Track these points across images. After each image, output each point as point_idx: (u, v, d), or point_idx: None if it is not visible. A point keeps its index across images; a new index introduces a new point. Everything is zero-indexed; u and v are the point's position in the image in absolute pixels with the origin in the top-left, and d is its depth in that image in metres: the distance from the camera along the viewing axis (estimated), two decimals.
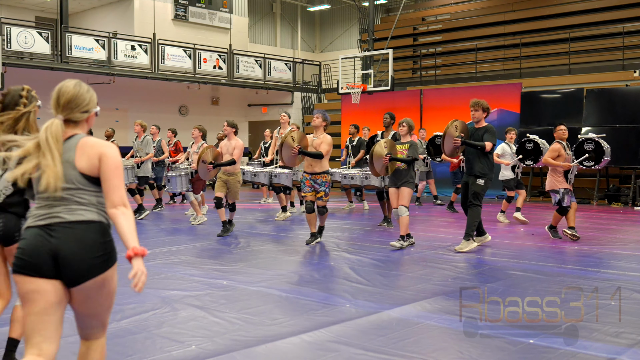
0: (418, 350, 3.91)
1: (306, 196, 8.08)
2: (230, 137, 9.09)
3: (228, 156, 8.99)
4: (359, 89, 17.34)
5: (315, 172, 8.01)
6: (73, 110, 2.79)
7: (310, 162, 8.04)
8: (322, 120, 8.16)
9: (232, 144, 9.02)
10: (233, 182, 9.01)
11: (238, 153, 8.93)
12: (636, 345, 4.02)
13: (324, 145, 7.98)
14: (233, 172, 9.00)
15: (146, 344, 4.05)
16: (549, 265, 6.75)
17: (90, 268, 2.55)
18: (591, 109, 15.12)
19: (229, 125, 9.11)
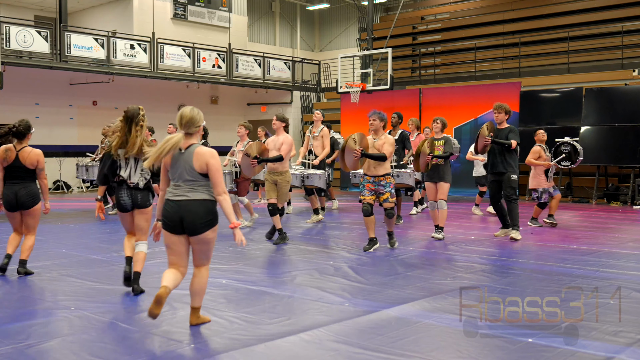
0: (417, 349, 3.92)
1: (364, 199, 7.65)
2: (279, 132, 8.36)
3: (275, 152, 8.25)
4: (358, 88, 17.34)
5: (378, 174, 7.59)
6: (190, 127, 4.33)
7: (371, 164, 7.63)
8: (379, 121, 7.71)
9: (280, 140, 8.30)
10: (282, 183, 8.24)
11: (286, 149, 8.20)
12: (635, 344, 4.02)
13: (387, 146, 7.57)
14: (282, 170, 8.24)
15: (145, 342, 4.05)
16: (548, 264, 6.75)
17: (201, 227, 4.21)
18: (590, 108, 15.12)
19: (279, 120, 8.38)
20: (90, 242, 8.49)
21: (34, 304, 5.06)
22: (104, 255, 7.36)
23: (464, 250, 7.69)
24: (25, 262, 6.21)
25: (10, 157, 6.21)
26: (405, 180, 10.08)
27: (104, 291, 5.51)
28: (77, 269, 6.58)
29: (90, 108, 19.35)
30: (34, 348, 3.95)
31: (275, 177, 8.24)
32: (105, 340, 4.10)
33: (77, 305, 5.00)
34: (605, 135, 14.89)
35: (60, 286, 5.73)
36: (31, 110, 18.03)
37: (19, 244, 6.28)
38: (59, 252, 7.64)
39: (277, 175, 8.24)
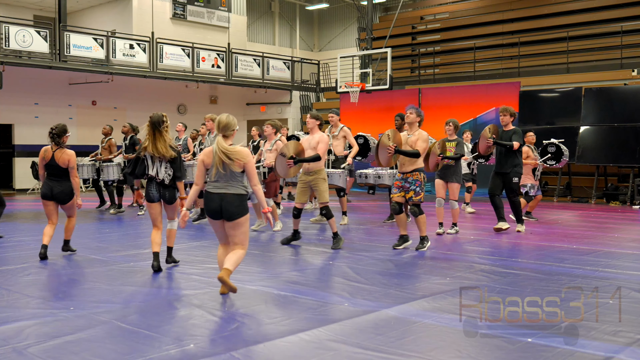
0: (416, 349, 3.92)
1: (393, 197, 7.71)
2: (313, 130, 7.97)
3: (311, 151, 7.78)
4: (357, 87, 17.35)
5: (407, 170, 7.55)
6: (226, 130, 5.26)
7: (403, 160, 7.59)
8: (416, 115, 7.61)
9: (315, 138, 7.86)
10: (318, 181, 7.76)
11: (323, 148, 7.78)
12: (634, 344, 4.03)
13: (421, 143, 7.48)
14: (316, 169, 7.78)
15: (145, 342, 4.04)
16: (548, 264, 6.75)
17: (235, 214, 5.17)
18: (589, 108, 15.14)
19: (313, 117, 8.01)
20: (89, 242, 8.49)
21: (34, 304, 5.05)
22: (103, 255, 7.36)
23: (464, 250, 7.70)
24: (69, 242, 7.37)
25: (48, 156, 7.17)
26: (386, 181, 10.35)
27: (105, 291, 5.51)
28: (77, 268, 6.58)
29: (89, 108, 19.35)
30: (33, 348, 3.95)
31: (310, 178, 7.80)
32: (105, 340, 4.10)
33: (76, 305, 5.00)
34: (604, 135, 14.90)
35: (60, 286, 5.73)
36: (30, 110, 18.05)
37: (52, 235, 7.20)
38: (58, 252, 7.63)
39: (312, 175, 7.79)
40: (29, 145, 17.47)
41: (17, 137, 17.98)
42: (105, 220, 10.30)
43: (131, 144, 11.90)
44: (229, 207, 5.14)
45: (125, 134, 12.09)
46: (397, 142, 7.50)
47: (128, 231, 9.48)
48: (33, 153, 17.31)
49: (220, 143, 5.16)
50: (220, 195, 5.16)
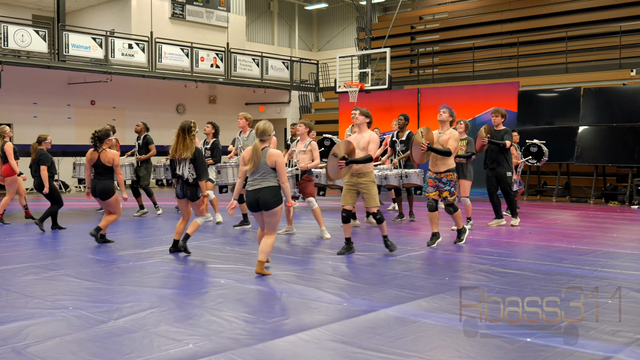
0: (415, 348, 3.92)
1: (428, 195, 7.87)
2: (362, 129, 7.40)
3: (360, 152, 7.24)
4: (356, 87, 17.35)
5: (440, 170, 7.74)
6: (263, 136, 6.12)
7: (435, 160, 7.75)
8: (448, 115, 7.79)
9: (365, 138, 7.29)
10: (368, 184, 7.21)
11: (374, 147, 7.27)
12: (633, 344, 4.03)
13: (452, 142, 7.65)
14: (367, 171, 7.24)
15: (143, 342, 4.04)
16: (547, 264, 6.76)
17: (271, 204, 6.01)
18: (588, 108, 15.14)
19: (362, 114, 7.41)
20: (88, 241, 8.47)
21: (33, 304, 5.04)
22: (102, 255, 7.36)
23: (463, 250, 7.70)
24: (100, 229, 8.14)
25: (94, 157, 8.03)
26: (414, 180, 10.25)
27: (103, 291, 5.50)
28: (76, 268, 6.57)
29: (88, 107, 19.33)
30: (32, 348, 3.94)
31: (360, 180, 7.22)
32: (104, 340, 4.09)
33: (75, 304, 5.00)
34: (603, 135, 14.91)
35: (59, 286, 5.72)
36: (29, 109, 18.03)
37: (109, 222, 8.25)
38: (56, 252, 7.63)
39: (362, 177, 7.22)
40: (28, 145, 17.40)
41: (15, 136, 17.88)
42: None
43: (144, 143, 11.62)
44: (265, 199, 6.00)
45: (139, 133, 11.78)
46: (430, 140, 7.67)
47: (128, 231, 9.46)
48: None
49: (256, 146, 6.06)
50: (255, 191, 6.04)
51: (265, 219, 6.13)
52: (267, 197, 6.01)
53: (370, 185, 7.21)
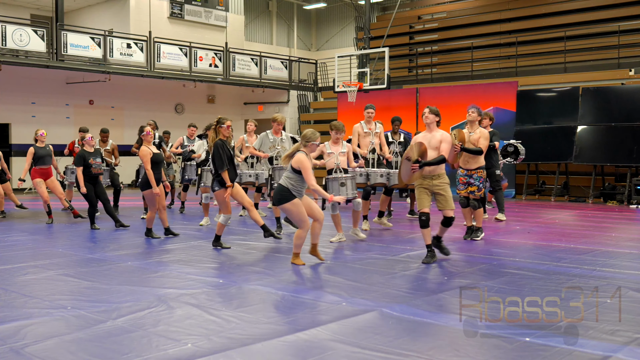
0: (414, 348, 3.91)
1: (460, 193, 8.35)
2: (431, 128, 7.03)
3: (432, 152, 6.88)
4: (354, 87, 17.34)
5: (472, 168, 8.20)
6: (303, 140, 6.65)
7: (466, 157, 8.16)
8: (477, 114, 8.14)
9: (436, 137, 6.93)
10: (443, 186, 6.89)
11: (447, 148, 6.92)
12: (632, 343, 4.03)
13: (482, 140, 8.05)
14: (440, 172, 6.91)
15: (142, 342, 4.04)
16: (545, 264, 6.76)
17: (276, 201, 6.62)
18: (587, 107, 15.15)
19: (432, 113, 7.03)
20: (86, 241, 8.48)
21: (31, 304, 5.04)
22: (100, 255, 7.35)
23: (461, 249, 7.70)
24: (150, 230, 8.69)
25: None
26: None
27: (102, 290, 5.50)
28: (74, 268, 6.57)
29: (86, 107, 19.32)
30: (30, 347, 3.94)
31: (434, 182, 6.87)
32: (102, 340, 4.08)
33: (74, 304, 4.99)
34: (601, 135, 14.92)
35: (57, 285, 5.71)
36: (28, 109, 18.02)
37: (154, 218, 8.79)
38: (55, 252, 7.62)
39: (436, 179, 6.87)
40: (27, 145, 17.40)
41: (14, 136, 17.95)
42: (103, 219, 10.27)
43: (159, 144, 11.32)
44: (274, 194, 6.66)
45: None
46: (462, 140, 7.95)
47: (128, 231, 9.45)
48: None
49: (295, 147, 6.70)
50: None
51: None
52: (275, 193, 6.64)
53: (446, 187, 6.88)
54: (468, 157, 8.13)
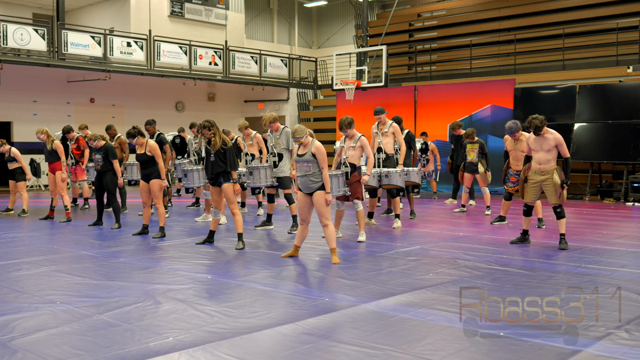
0: (389, 342, 4.01)
1: (511, 190, 9.41)
2: (545, 130, 7.62)
3: (543, 154, 7.63)
4: (352, 85, 17.41)
5: (520, 169, 9.03)
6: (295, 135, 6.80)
7: (515, 160, 9.22)
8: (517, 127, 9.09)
9: (549, 140, 7.62)
10: (551, 182, 7.62)
11: (564, 150, 7.64)
12: (604, 338, 4.11)
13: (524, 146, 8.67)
14: (548, 169, 7.63)
15: (125, 335, 4.15)
16: (532, 260, 6.84)
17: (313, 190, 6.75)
18: (584, 104, 15.19)
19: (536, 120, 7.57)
20: (81, 238, 8.60)
21: (21, 298, 5.16)
22: (94, 251, 7.47)
23: (451, 247, 7.79)
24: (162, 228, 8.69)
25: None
26: (413, 178, 10.13)
27: (91, 286, 5.62)
28: (67, 264, 6.69)
29: (87, 105, 19.47)
30: (17, 340, 4.05)
31: (543, 177, 7.65)
32: (87, 334, 4.20)
33: (63, 299, 5.11)
34: (599, 132, 14.96)
35: (49, 281, 5.84)
36: (29, 107, 18.17)
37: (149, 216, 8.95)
38: (50, 248, 7.75)
39: (545, 175, 7.64)
40: (28, 143, 17.59)
41: (15, 134, 18.10)
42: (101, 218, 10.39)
43: (158, 142, 10.87)
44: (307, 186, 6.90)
45: (152, 133, 11.22)
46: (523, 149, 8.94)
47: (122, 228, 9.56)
48: (32, 150, 17.45)
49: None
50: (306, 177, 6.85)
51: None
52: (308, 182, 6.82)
53: (553, 183, 7.59)
54: (517, 159, 9.16)
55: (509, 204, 9.77)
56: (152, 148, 8.56)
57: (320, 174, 6.75)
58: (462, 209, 11.69)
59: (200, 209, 12.13)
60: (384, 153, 9.64)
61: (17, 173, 11.41)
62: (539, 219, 9.63)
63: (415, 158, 11.53)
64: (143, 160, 8.57)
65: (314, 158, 6.72)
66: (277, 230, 9.30)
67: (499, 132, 15.31)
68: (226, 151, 7.63)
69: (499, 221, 9.92)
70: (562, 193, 7.62)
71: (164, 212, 8.69)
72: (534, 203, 7.94)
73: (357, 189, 8.25)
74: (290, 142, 8.98)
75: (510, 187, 9.49)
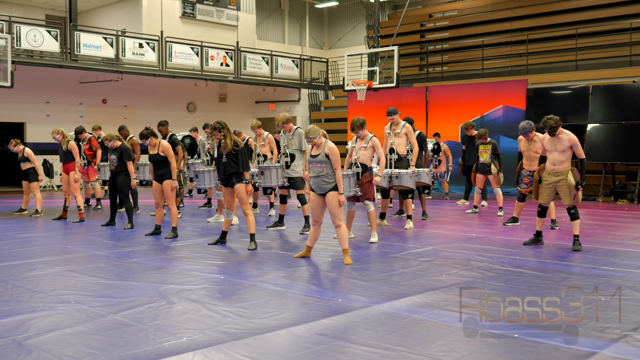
0: (402, 343, 4.00)
1: (525, 191, 9.39)
2: (559, 131, 7.59)
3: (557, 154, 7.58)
4: (364, 85, 17.39)
5: (533, 169, 9.06)
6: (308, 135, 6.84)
7: (529, 160, 9.24)
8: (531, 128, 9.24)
9: (563, 140, 7.56)
10: (566, 183, 7.58)
11: (579, 151, 7.58)
12: (620, 340, 4.07)
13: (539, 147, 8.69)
14: (563, 170, 7.59)
15: (139, 335, 4.16)
16: (545, 262, 6.80)
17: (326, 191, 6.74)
18: (597, 105, 15.09)
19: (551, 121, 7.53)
20: (94, 238, 8.65)
21: (36, 298, 5.19)
22: (107, 252, 7.51)
23: (463, 248, 7.76)
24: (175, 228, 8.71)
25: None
26: (424, 179, 10.07)
27: (105, 286, 5.64)
28: (81, 264, 6.73)
29: (99, 106, 19.58)
30: (32, 340, 4.08)
31: (557, 178, 7.62)
32: (101, 333, 4.22)
33: (77, 299, 5.14)
34: (612, 133, 14.86)
35: (63, 281, 5.87)
36: (42, 108, 18.30)
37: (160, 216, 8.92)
38: (63, 248, 7.79)
39: (559, 176, 7.61)
40: (41, 144, 17.72)
41: (29, 135, 18.24)
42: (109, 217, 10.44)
43: (170, 143, 10.64)
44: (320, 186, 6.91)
45: (165, 133, 11.22)
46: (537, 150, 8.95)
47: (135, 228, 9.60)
48: (45, 151, 17.57)
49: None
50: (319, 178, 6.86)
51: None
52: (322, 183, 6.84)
53: (567, 184, 7.57)
54: (531, 160, 9.17)
55: (522, 205, 9.73)
56: (165, 149, 8.59)
57: (333, 175, 6.74)
58: (474, 210, 11.64)
59: (212, 209, 12.16)
60: (396, 154, 9.57)
61: (30, 174, 11.49)
62: (552, 220, 9.56)
63: (427, 159, 11.51)
64: (156, 161, 8.61)
65: (327, 159, 6.72)
66: (289, 231, 9.30)
67: (511, 133, 15.24)
68: (238, 152, 7.62)
69: (512, 222, 9.89)
70: (577, 194, 7.58)
71: (176, 212, 8.72)
72: (548, 204, 7.89)
73: (369, 189, 8.19)
74: (303, 142, 8.97)
75: (523, 188, 9.48)
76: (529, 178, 9.28)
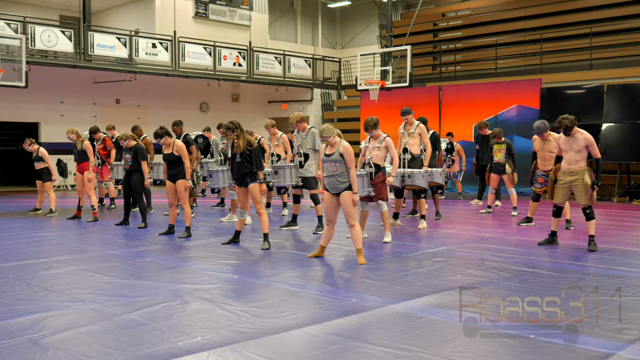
0: (417, 343, 3.98)
1: (539, 190, 9.42)
2: (575, 130, 7.50)
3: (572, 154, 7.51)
4: (377, 85, 17.35)
5: (547, 169, 9.19)
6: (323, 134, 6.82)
7: (543, 161, 9.32)
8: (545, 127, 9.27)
9: (579, 140, 7.50)
10: (581, 183, 7.51)
11: (595, 150, 7.50)
12: (637, 342, 4.03)
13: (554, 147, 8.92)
14: (578, 169, 7.52)
15: (154, 334, 4.17)
16: (561, 262, 6.74)
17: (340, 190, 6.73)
18: (612, 104, 14.96)
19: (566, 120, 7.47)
20: (108, 237, 8.69)
21: (51, 297, 5.22)
22: (122, 251, 7.54)
23: (477, 248, 7.71)
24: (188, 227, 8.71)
25: None
26: (436, 179, 10.05)
27: (119, 285, 5.66)
28: (95, 263, 6.76)
29: (113, 106, 19.68)
30: (48, 338, 4.10)
31: (572, 178, 7.55)
32: (116, 332, 4.23)
33: (91, 298, 5.16)
34: (627, 132, 14.72)
35: (78, 280, 5.90)
36: (56, 108, 18.43)
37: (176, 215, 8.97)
38: (78, 247, 7.84)
39: (574, 175, 7.53)
40: (55, 143, 17.84)
41: (43, 135, 18.37)
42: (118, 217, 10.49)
43: (184, 142, 10.65)
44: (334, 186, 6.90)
45: (179, 133, 11.18)
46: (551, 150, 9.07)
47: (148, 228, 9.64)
48: (59, 151, 17.69)
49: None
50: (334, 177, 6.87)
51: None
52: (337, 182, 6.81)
53: (583, 184, 7.51)
54: (545, 160, 9.24)
55: (536, 205, 9.67)
56: (179, 148, 8.62)
57: (348, 174, 6.72)
58: (488, 210, 11.58)
59: (225, 209, 12.19)
60: (410, 154, 9.58)
61: (44, 173, 11.57)
62: (567, 220, 9.49)
63: (441, 159, 11.46)
64: (170, 161, 8.64)
65: (341, 158, 6.70)
66: (302, 230, 9.30)
67: (525, 132, 15.15)
68: (252, 152, 7.62)
69: (526, 222, 9.82)
70: (593, 194, 7.52)
71: (190, 212, 8.74)
72: (563, 204, 7.83)
73: (382, 189, 8.14)
74: (317, 142, 8.96)
75: (537, 188, 9.45)
76: (543, 178, 9.26)
